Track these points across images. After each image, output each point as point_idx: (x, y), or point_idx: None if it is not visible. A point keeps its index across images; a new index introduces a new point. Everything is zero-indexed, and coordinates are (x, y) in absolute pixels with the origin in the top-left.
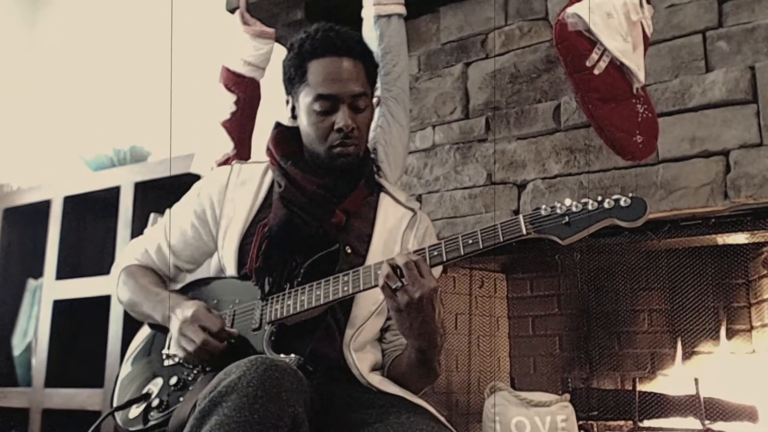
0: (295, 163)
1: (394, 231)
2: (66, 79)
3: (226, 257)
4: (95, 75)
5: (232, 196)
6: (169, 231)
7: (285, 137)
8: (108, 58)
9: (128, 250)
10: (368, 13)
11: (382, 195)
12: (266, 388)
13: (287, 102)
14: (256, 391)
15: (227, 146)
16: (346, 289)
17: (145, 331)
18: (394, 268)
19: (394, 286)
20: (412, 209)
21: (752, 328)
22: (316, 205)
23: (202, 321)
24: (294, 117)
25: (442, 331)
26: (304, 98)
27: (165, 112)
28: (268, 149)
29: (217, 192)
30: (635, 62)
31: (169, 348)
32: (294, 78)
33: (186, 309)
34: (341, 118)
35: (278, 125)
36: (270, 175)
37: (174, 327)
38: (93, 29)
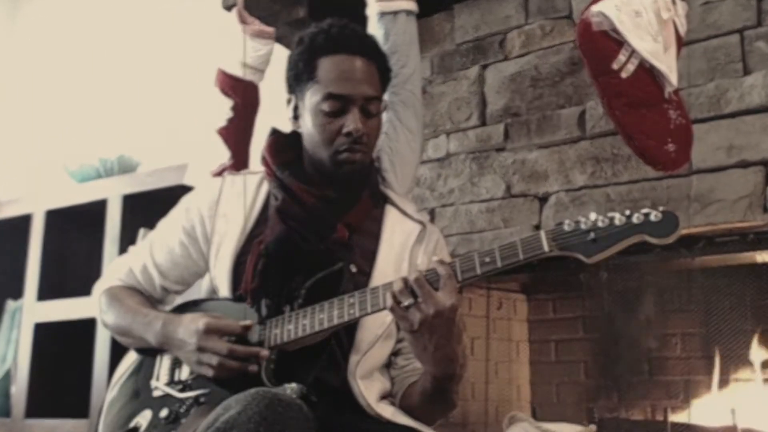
0: (293, 173)
1: (401, 246)
2: (49, 84)
3: (219, 277)
4: (81, 80)
5: (224, 211)
6: (150, 248)
7: (282, 145)
8: (94, 62)
9: (111, 270)
10: (372, 10)
11: (388, 207)
12: (269, 425)
13: (289, 101)
14: (257, 427)
15: (223, 155)
16: (352, 312)
17: (132, 355)
18: (407, 283)
19: (405, 303)
20: (420, 222)
21: None
22: (317, 220)
23: (221, 328)
24: (296, 118)
25: (462, 360)
26: (312, 97)
27: (155, 120)
28: (263, 158)
29: (207, 206)
30: (667, 64)
31: (158, 378)
32: (301, 74)
33: (192, 323)
34: (351, 121)
35: (274, 132)
36: (265, 186)
37: (185, 347)
38: (78, 33)
